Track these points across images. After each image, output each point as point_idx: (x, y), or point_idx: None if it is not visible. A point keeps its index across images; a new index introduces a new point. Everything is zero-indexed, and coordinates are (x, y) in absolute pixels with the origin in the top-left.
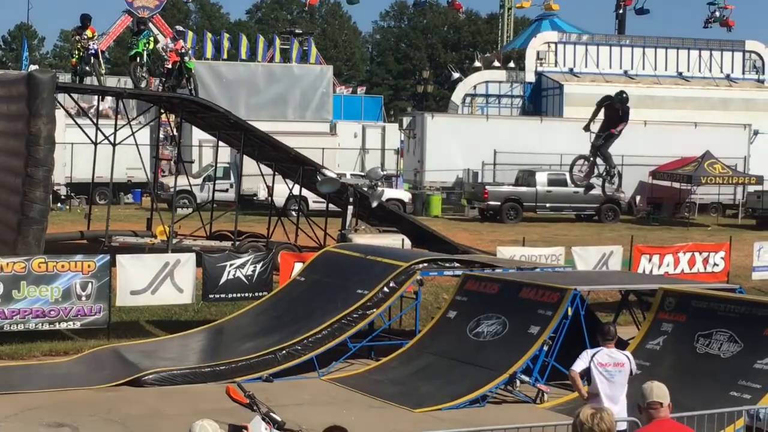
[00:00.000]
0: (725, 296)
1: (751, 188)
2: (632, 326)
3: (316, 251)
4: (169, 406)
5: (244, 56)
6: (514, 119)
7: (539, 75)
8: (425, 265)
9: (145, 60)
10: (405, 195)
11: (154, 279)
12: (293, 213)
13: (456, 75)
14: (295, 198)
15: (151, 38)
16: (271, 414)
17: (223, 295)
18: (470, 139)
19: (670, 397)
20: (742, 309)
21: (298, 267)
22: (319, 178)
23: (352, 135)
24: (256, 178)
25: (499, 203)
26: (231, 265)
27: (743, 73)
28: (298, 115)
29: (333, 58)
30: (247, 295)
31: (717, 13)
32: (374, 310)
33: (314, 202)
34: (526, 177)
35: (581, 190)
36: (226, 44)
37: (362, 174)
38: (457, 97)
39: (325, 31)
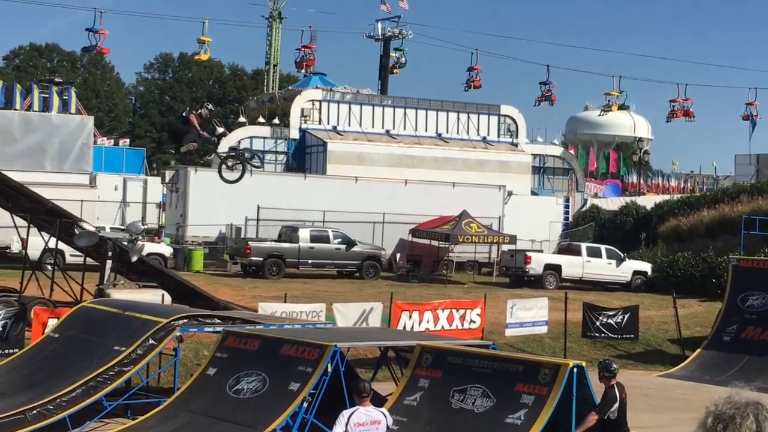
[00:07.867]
0: (479, 352)
1: (505, 247)
2: (391, 382)
3: (72, 306)
4: None
5: None
6: (278, 175)
7: (303, 132)
8: (185, 321)
9: None
10: (166, 249)
11: None
12: (48, 267)
13: (220, 129)
14: (50, 251)
15: None
16: None
17: None
18: (234, 194)
19: None
20: (495, 365)
21: (53, 323)
22: (76, 231)
23: (112, 188)
24: (10, 230)
25: (261, 259)
26: None
27: (498, 136)
28: (56, 166)
29: (94, 109)
30: None
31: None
32: (131, 367)
33: (71, 255)
34: (289, 233)
35: (343, 247)
36: None
37: (122, 228)
38: (221, 151)
39: (87, 81)
